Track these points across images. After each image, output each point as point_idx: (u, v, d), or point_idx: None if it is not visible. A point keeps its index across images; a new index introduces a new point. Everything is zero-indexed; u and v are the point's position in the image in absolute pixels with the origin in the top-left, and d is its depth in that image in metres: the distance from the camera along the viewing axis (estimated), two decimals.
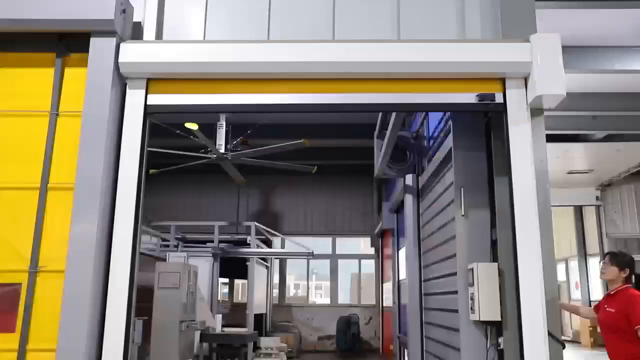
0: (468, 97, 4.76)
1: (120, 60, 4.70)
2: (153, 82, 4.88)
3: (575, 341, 17.22)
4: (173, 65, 4.77)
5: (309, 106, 5.12)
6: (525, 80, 4.72)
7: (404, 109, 7.24)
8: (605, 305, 4.21)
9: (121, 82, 4.82)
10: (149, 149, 4.92)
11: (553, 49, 4.60)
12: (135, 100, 4.82)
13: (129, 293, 4.45)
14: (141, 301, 7.92)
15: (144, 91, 4.83)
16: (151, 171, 10.56)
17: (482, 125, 5.48)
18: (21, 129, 4.78)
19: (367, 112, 10.48)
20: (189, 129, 10.42)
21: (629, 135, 10.03)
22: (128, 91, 4.83)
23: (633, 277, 4.31)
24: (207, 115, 10.80)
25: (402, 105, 5.22)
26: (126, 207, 4.60)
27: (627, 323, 3.96)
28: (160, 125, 9.98)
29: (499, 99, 4.72)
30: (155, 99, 4.87)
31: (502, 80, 4.78)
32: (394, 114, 6.41)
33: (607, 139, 10.29)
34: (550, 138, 5.37)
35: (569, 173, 13.43)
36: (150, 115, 4.85)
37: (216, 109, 6.52)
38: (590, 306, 4.54)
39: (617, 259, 4.37)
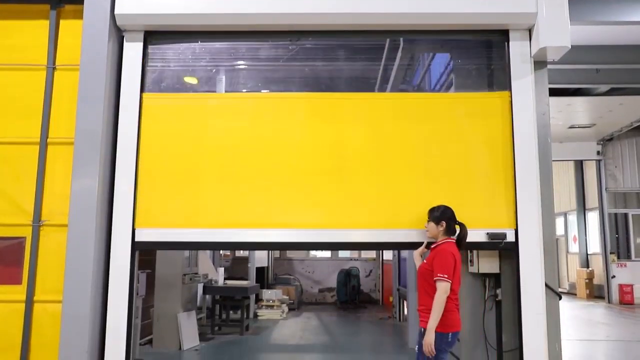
0: (478, 234, 4.48)
1: (116, 12, 4.60)
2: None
3: (572, 293, 17.55)
4: (171, 17, 4.66)
5: (305, 245, 4.87)
6: (530, 31, 4.64)
7: (411, 248, 6.93)
8: (425, 258, 4.22)
9: (118, 34, 4.74)
10: None
11: (558, 0, 4.51)
12: (133, 52, 4.74)
13: (131, 245, 4.50)
14: (144, 255, 8.06)
15: (141, 44, 4.75)
16: None
17: (485, 78, 5.41)
18: (18, 82, 4.73)
19: (373, 249, 9.54)
20: (189, 83, 10.29)
21: (632, 89, 9.93)
22: (125, 44, 4.75)
23: (458, 228, 4.19)
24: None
25: (410, 244, 4.70)
26: (127, 162, 4.59)
27: (430, 275, 3.98)
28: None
29: (510, 236, 4.48)
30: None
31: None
32: (395, 67, 6.26)
33: (610, 92, 10.20)
34: (553, 92, 5.32)
35: (570, 127, 13.37)
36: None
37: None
38: None
39: (432, 214, 4.23)
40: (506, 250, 4.61)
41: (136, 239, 4.53)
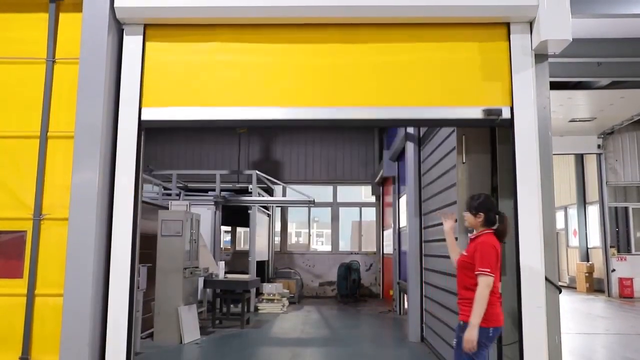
0: (474, 111, 4.59)
1: (115, 5, 4.58)
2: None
3: (572, 287, 17.58)
4: (170, 9, 4.64)
5: (306, 122, 4.87)
6: (531, 24, 4.62)
7: (410, 124, 6.98)
8: (465, 249, 4.12)
9: (118, 27, 4.73)
10: None
11: None
12: (132, 46, 4.73)
13: (132, 239, 4.51)
14: (145, 248, 8.07)
15: (141, 37, 4.74)
16: None
17: None
18: (18, 76, 4.72)
19: (372, 126, 10.15)
20: None
21: (633, 82, 9.89)
22: (125, 37, 4.74)
23: (497, 218, 4.02)
24: None
25: (408, 121, 5.02)
26: (127, 155, 4.60)
27: (473, 267, 3.85)
28: None
29: (506, 113, 4.56)
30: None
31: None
32: None
33: (611, 85, 10.16)
34: (554, 85, 5.30)
35: (571, 121, 13.33)
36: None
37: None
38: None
39: (469, 204, 4.10)
40: (502, 127, 4.65)
41: (142, 118, 4.65)
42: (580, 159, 17.61)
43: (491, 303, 3.79)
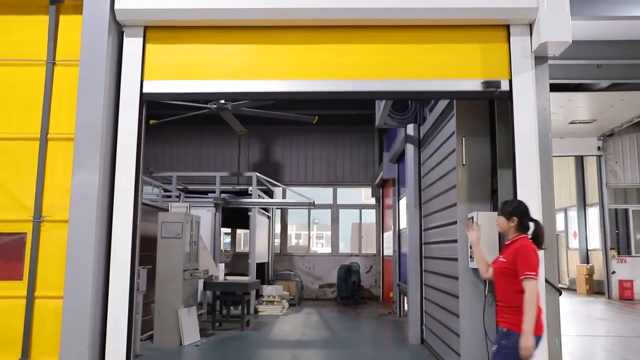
0: (473, 83, 4.63)
1: (116, 7, 4.59)
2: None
3: (572, 289, 17.56)
4: (170, 12, 4.65)
5: (307, 94, 4.85)
6: (531, 26, 4.63)
7: (409, 97, 7.01)
8: (500, 256, 4.01)
9: (118, 29, 4.73)
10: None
11: None
12: (132, 48, 4.74)
13: (132, 241, 4.51)
14: (145, 251, 8.07)
15: (141, 39, 4.75)
16: (151, 122, 10.50)
17: None
18: (18, 78, 4.73)
19: (371, 99, 10.37)
20: None
21: (633, 84, 9.89)
22: (125, 39, 4.75)
23: (532, 224, 3.96)
24: None
25: (407, 92, 5.08)
26: (127, 157, 4.60)
27: (514, 273, 3.74)
28: None
29: (504, 86, 4.60)
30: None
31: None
32: None
33: (611, 88, 10.17)
34: (553, 87, 5.31)
35: (570, 123, 13.34)
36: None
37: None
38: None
39: (503, 208, 4.04)
40: (500, 99, 4.68)
41: (144, 91, 4.67)
42: (580, 161, 17.61)
43: None
